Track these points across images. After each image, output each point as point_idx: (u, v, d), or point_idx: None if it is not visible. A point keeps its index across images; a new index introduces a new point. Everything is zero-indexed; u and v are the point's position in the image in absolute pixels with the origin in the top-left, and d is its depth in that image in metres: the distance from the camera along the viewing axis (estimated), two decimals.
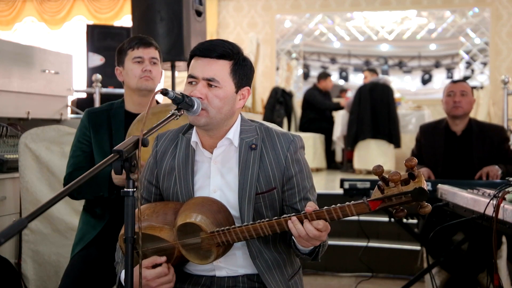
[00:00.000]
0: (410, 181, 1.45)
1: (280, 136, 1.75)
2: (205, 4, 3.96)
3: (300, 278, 1.82)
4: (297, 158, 1.73)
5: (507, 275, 3.29)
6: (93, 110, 2.45)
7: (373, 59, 9.39)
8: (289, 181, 1.72)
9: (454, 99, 3.46)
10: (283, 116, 7.57)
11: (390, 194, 1.46)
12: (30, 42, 9.44)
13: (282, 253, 1.75)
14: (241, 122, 1.75)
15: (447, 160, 3.50)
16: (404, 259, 4.26)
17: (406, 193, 1.45)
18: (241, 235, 1.58)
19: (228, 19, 9.63)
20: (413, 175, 1.44)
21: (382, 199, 1.48)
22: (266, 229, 1.56)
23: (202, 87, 1.64)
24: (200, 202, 1.64)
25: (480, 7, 9.00)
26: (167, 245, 1.63)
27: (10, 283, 2.79)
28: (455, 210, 2.51)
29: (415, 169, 1.44)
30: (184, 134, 1.78)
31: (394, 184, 1.46)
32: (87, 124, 2.38)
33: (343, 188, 3.24)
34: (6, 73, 3.49)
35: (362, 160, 6.76)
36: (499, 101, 7.06)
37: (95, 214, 2.36)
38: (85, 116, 2.41)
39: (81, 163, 2.34)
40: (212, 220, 1.59)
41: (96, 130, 2.36)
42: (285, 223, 1.55)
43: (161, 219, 1.65)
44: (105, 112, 2.41)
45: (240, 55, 1.70)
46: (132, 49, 2.37)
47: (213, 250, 1.59)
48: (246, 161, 1.69)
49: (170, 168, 1.75)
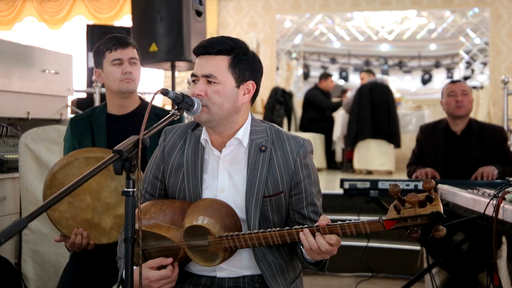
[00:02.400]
0: (427, 203, 1.44)
1: (290, 140, 1.73)
2: (205, 4, 3.96)
3: (301, 282, 1.82)
4: (306, 163, 1.72)
5: (507, 275, 3.29)
6: (75, 118, 2.44)
7: (373, 59, 9.38)
8: (297, 186, 1.70)
9: (456, 99, 3.45)
10: (283, 116, 7.57)
11: (407, 215, 1.45)
12: (30, 42, 9.44)
13: (285, 257, 1.74)
14: (251, 123, 1.74)
15: (448, 160, 3.51)
16: (404, 259, 4.26)
17: (423, 216, 1.44)
18: (250, 242, 1.57)
19: (228, 19, 9.63)
20: (430, 198, 1.43)
21: (398, 220, 1.47)
22: (276, 238, 1.56)
23: (202, 84, 1.64)
24: (210, 204, 1.62)
25: (480, 7, 9.00)
26: (173, 246, 1.62)
27: (10, 283, 2.79)
28: (455, 210, 2.51)
29: (433, 191, 1.43)
30: (194, 130, 1.76)
31: (410, 205, 1.44)
32: (71, 134, 2.40)
33: (343, 188, 3.24)
34: (6, 73, 3.49)
35: (362, 160, 6.76)
36: (499, 101, 7.06)
37: None
38: (69, 126, 2.42)
39: None
40: (221, 224, 1.58)
41: (79, 140, 2.36)
42: (296, 234, 1.54)
43: (168, 218, 1.64)
44: (87, 118, 2.41)
45: (241, 49, 1.68)
46: (110, 51, 2.31)
47: (219, 254, 1.59)
48: (255, 163, 1.68)
49: (178, 164, 1.74)
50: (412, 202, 1.43)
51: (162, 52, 3.66)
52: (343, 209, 4.61)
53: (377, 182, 3.22)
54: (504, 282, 3.14)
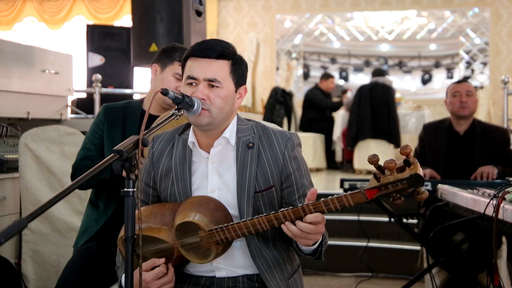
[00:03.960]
0: (405, 168, 1.45)
1: (277, 134, 1.75)
2: (205, 4, 3.97)
3: (300, 276, 1.82)
4: (294, 155, 1.73)
5: (507, 275, 3.29)
6: (110, 105, 2.42)
7: (373, 59, 9.39)
8: (287, 179, 1.71)
9: (461, 99, 3.46)
10: (283, 116, 7.57)
11: (386, 182, 1.46)
12: (30, 42, 9.44)
13: (281, 251, 1.74)
14: (237, 121, 1.76)
15: (449, 160, 3.51)
16: (404, 259, 4.26)
17: (402, 180, 1.44)
18: (239, 231, 1.57)
19: (228, 19, 9.63)
20: (408, 162, 1.44)
21: (379, 187, 1.47)
22: (264, 224, 1.55)
23: (203, 88, 1.64)
24: (198, 201, 1.64)
25: (480, 7, 9.00)
26: (166, 245, 1.63)
27: (10, 283, 2.79)
28: (455, 210, 2.51)
29: (410, 156, 1.43)
30: (181, 135, 1.78)
31: (390, 172, 1.45)
32: (103, 118, 2.37)
33: (343, 188, 3.24)
34: (6, 73, 3.49)
35: (362, 160, 6.75)
36: (499, 101, 7.06)
37: (99, 207, 2.36)
38: (102, 110, 2.39)
39: (91, 152, 2.33)
40: (210, 219, 1.59)
41: (110, 125, 2.34)
42: (283, 217, 1.54)
43: (159, 220, 1.65)
44: (122, 109, 2.38)
45: (237, 54, 1.71)
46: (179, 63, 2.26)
47: (212, 249, 1.59)
48: (243, 159, 1.69)
49: (167, 169, 1.75)
50: (390, 168, 1.43)
51: None
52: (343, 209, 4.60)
53: None
54: (504, 282, 3.14)
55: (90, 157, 2.33)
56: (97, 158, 2.32)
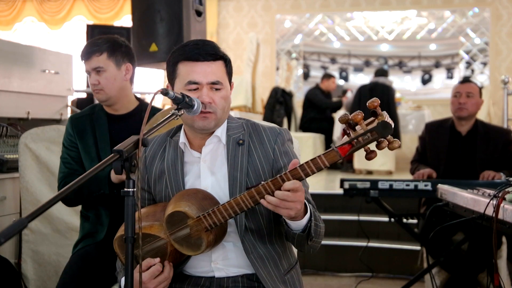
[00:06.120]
0: (374, 119, 1.47)
1: (267, 130, 1.76)
2: (205, 4, 3.96)
3: (297, 273, 1.81)
4: (285, 150, 1.74)
5: (507, 275, 3.29)
6: (76, 116, 2.44)
7: (373, 59, 9.39)
8: (278, 174, 1.72)
9: (459, 100, 3.46)
10: (283, 116, 7.57)
11: (356, 135, 1.47)
12: (30, 42, 9.44)
13: (277, 247, 1.75)
14: (228, 120, 1.77)
15: (450, 160, 3.51)
16: (404, 259, 4.26)
17: (371, 130, 1.46)
18: (225, 213, 1.56)
19: (228, 19, 9.63)
20: (375, 113, 1.46)
21: (350, 142, 1.49)
22: (248, 201, 1.54)
23: (208, 91, 1.65)
24: (185, 192, 1.66)
25: (480, 7, 9.00)
26: (160, 243, 1.64)
27: (10, 283, 2.79)
28: (455, 210, 2.51)
29: (378, 108, 1.45)
30: (172, 137, 1.79)
31: (359, 126, 1.47)
32: (72, 131, 2.38)
33: (343, 188, 3.24)
34: (6, 73, 3.49)
35: (362, 160, 6.75)
36: (499, 101, 7.07)
37: (89, 218, 2.36)
38: (69, 123, 2.40)
39: (73, 166, 2.34)
40: (198, 206, 1.60)
41: (80, 136, 2.35)
42: (263, 189, 1.52)
43: (150, 217, 1.68)
44: (88, 116, 2.40)
45: (225, 53, 1.73)
46: (83, 61, 2.33)
47: (203, 237, 1.59)
48: (234, 156, 1.70)
49: (160, 171, 1.76)
50: (358, 120, 1.45)
51: (162, 52, 3.66)
52: (343, 209, 4.61)
53: (377, 182, 3.22)
54: (504, 282, 3.14)
55: (75, 171, 2.32)
56: (80, 172, 2.31)
